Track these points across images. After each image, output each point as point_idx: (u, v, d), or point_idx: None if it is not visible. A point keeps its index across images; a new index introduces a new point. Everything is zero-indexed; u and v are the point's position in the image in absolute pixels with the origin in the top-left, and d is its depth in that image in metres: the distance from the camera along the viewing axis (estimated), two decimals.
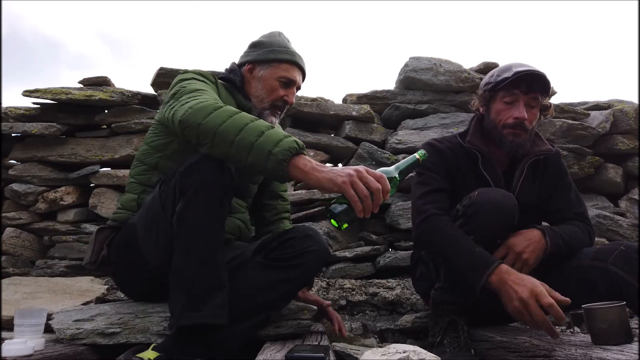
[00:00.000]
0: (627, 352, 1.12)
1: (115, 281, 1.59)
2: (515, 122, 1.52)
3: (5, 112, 2.71)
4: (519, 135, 1.54)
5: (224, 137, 1.13)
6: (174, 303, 1.15)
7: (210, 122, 1.15)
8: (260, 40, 1.61)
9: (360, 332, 2.13)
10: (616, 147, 2.78)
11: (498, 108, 1.58)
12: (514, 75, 1.51)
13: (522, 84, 1.51)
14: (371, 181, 1.04)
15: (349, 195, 1.03)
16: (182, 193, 1.18)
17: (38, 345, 1.20)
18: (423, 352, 0.97)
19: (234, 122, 1.15)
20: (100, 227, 1.47)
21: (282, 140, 1.11)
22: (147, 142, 1.51)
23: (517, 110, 1.52)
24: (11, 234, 2.57)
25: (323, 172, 1.09)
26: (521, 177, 1.58)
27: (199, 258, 1.16)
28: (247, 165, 1.13)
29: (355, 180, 1.04)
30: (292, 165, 1.10)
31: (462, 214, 1.43)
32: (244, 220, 1.61)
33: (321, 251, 1.40)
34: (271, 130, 1.14)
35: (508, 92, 1.54)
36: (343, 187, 1.04)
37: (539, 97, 1.55)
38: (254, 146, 1.11)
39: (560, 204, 1.65)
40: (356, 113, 2.79)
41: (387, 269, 2.47)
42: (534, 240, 1.43)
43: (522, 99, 1.53)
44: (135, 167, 1.52)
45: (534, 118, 1.56)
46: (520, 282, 1.26)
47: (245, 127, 1.14)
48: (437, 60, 2.93)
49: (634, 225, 2.56)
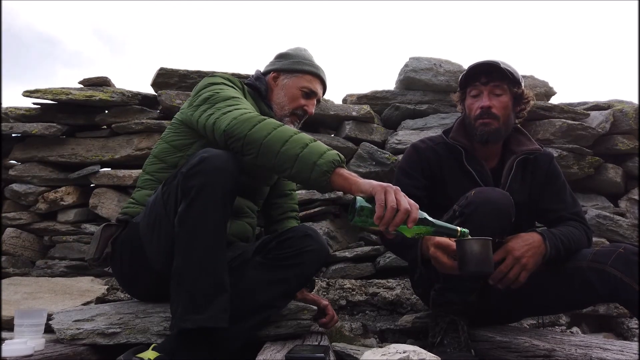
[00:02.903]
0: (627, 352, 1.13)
1: (118, 281, 1.60)
2: (482, 111, 1.59)
3: (5, 113, 2.71)
4: (487, 124, 1.60)
5: (270, 148, 1.20)
6: (175, 305, 1.15)
7: (256, 134, 1.22)
8: (287, 52, 1.69)
9: (360, 332, 2.13)
10: (616, 147, 2.78)
11: (468, 103, 1.67)
12: (467, 70, 1.63)
13: (481, 76, 1.61)
14: (403, 201, 1.08)
15: (378, 198, 1.08)
16: (185, 194, 1.18)
17: (38, 345, 1.20)
18: (423, 352, 0.97)
19: (279, 134, 1.22)
20: (106, 224, 1.47)
21: (326, 153, 1.19)
22: (167, 140, 1.53)
23: (481, 101, 1.60)
24: (11, 234, 2.57)
25: (363, 180, 1.17)
26: (510, 175, 1.59)
27: (200, 260, 1.16)
28: (292, 175, 1.21)
29: (391, 191, 1.09)
30: (335, 175, 1.19)
31: (460, 213, 1.43)
32: (253, 225, 1.63)
33: (320, 250, 1.40)
34: (314, 143, 1.22)
35: (472, 86, 1.64)
36: (378, 189, 1.10)
37: (502, 85, 1.61)
38: (298, 157, 1.19)
39: (555, 205, 1.65)
40: (356, 113, 2.79)
41: (387, 269, 2.47)
42: (533, 245, 1.43)
43: (484, 89, 1.61)
44: (152, 165, 1.54)
45: (502, 105, 1.61)
46: (429, 241, 1.35)
47: (289, 139, 1.21)
48: (437, 61, 2.93)
49: (634, 226, 2.56)
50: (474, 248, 1.20)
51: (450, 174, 1.64)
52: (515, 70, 1.62)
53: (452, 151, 1.65)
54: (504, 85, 1.60)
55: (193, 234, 1.17)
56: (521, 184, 1.63)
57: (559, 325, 2.29)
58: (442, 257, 1.31)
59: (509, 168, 1.61)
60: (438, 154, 1.67)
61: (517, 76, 1.62)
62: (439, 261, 1.32)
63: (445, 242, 1.31)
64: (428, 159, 1.66)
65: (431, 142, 1.71)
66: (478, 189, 1.45)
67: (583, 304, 1.57)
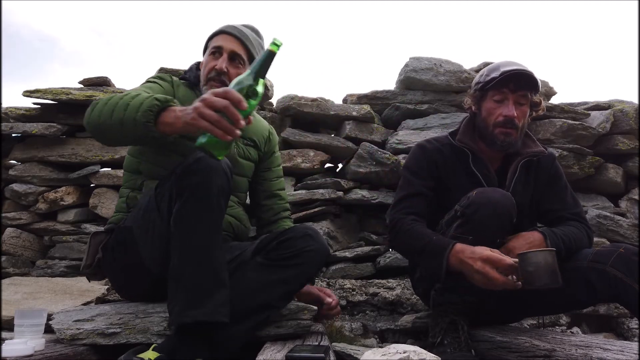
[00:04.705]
0: (627, 352, 1.13)
1: (114, 287, 1.59)
2: (505, 119, 1.56)
3: (5, 112, 2.71)
4: (509, 134, 1.57)
5: (105, 123, 1.21)
6: (173, 302, 1.15)
7: (92, 116, 1.27)
8: None
9: (361, 332, 2.13)
10: (616, 147, 2.78)
11: (488, 106, 1.62)
12: (501, 74, 1.56)
13: (510, 82, 1.56)
14: (216, 101, 0.99)
15: (203, 128, 1.00)
16: (179, 194, 1.19)
17: (38, 345, 1.20)
18: (423, 352, 0.97)
19: (108, 107, 1.22)
20: (94, 232, 1.49)
21: (143, 103, 1.14)
22: (128, 152, 1.58)
23: (506, 108, 1.57)
24: (11, 234, 2.57)
25: (181, 117, 1.09)
26: (514, 177, 1.58)
27: (197, 257, 1.16)
28: (128, 140, 1.27)
29: (202, 110, 1.00)
30: (160, 124, 1.14)
31: (461, 214, 1.43)
32: (236, 216, 1.60)
33: (321, 250, 1.40)
34: (135, 99, 1.17)
35: (497, 90, 1.59)
36: (193, 123, 1.02)
37: (528, 94, 1.59)
38: (122, 120, 1.17)
39: (556, 205, 1.65)
40: (356, 113, 2.79)
41: (387, 269, 2.47)
42: (534, 244, 1.43)
43: (510, 97, 1.57)
44: (124, 176, 1.57)
45: (524, 115, 1.60)
46: (472, 255, 1.32)
47: (115, 106, 1.20)
48: (437, 61, 2.93)
49: (634, 226, 2.56)
50: (547, 259, 1.14)
51: (455, 175, 1.62)
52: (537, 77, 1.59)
53: (457, 153, 1.64)
54: (528, 95, 1.59)
55: (189, 232, 1.17)
56: (525, 185, 1.62)
57: (559, 325, 2.28)
58: (492, 272, 1.26)
59: (514, 170, 1.60)
60: (444, 154, 1.65)
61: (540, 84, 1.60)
62: (489, 277, 1.27)
63: (496, 257, 1.27)
64: (435, 159, 1.65)
65: (437, 142, 1.69)
66: (480, 189, 1.45)
67: (583, 304, 1.56)
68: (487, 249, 1.32)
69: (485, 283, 1.30)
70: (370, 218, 2.73)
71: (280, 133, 2.79)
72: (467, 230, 1.41)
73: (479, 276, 1.29)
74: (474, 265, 1.30)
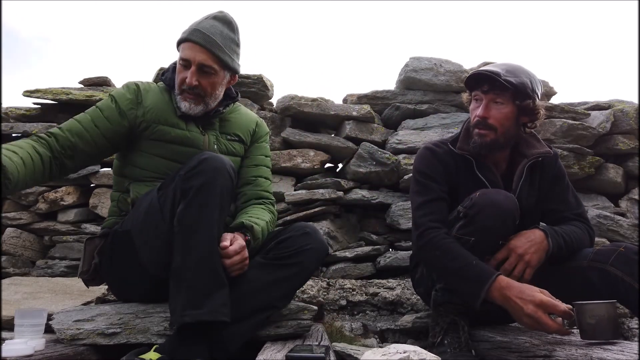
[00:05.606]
0: (627, 352, 1.12)
1: (113, 291, 1.59)
2: (477, 120, 1.53)
3: (5, 113, 2.71)
4: (483, 135, 1.53)
5: None
6: (175, 302, 1.16)
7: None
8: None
9: (361, 332, 2.13)
10: (616, 147, 2.78)
11: (471, 108, 1.61)
12: (468, 76, 1.56)
13: (483, 83, 1.53)
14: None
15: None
16: (184, 195, 1.20)
17: (38, 345, 1.20)
18: (423, 352, 0.97)
19: None
20: (88, 238, 1.49)
21: None
22: (116, 156, 1.58)
23: (479, 109, 1.54)
24: (12, 234, 2.57)
25: None
26: (521, 180, 1.56)
27: (199, 257, 1.17)
28: None
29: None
30: None
31: (464, 215, 1.42)
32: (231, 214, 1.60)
33: (319, 248, 1.40)
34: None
35: (474, 92, 1.58)
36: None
37: (506, 96, 1.51)
38: None
39: (558, 205, 1.64)
40: (356, 113, 2.79)
41: (387, 269, 2.47)
42: (536, 242, 1.42)
43: (484, 98, 1.53)
44: (114, 180, 1.58)
45: (502, 116, 1.52)
46: (522, 296, 1.26)
47: None
48: (437, 60, 2.93)
49: (634, 226, 2.56)
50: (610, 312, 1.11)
51: (463, 180, 1.59)
52: (524, 80, 1.50)
53: (462, 160, 1.60)
54: (505, 96, 1.51)
55: (192, 232, 1.18)
56: (530, 187, 1.60)
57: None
58: (545, 318, 1.22)
59: (520, 174, 1.56)
60: (454, 158, 1.62)
61: (525, 87, 1.49)
62: (540, 322, 1.22)
63: (551, 303, 1.22)
64: (446, 163, 1.61)
65: (445, 146, 1.65)
66: (483, 190, 1.44)
67: None
68: (537, 289, 1.27)
69: (534, 327, 1.25)
70: (370, 218, 2.73)
71: (280, 133, 2.79)
72: (469, 231, 1.40)
73: (528, 320, 1.24)
74: (524, 308, 1.24)
